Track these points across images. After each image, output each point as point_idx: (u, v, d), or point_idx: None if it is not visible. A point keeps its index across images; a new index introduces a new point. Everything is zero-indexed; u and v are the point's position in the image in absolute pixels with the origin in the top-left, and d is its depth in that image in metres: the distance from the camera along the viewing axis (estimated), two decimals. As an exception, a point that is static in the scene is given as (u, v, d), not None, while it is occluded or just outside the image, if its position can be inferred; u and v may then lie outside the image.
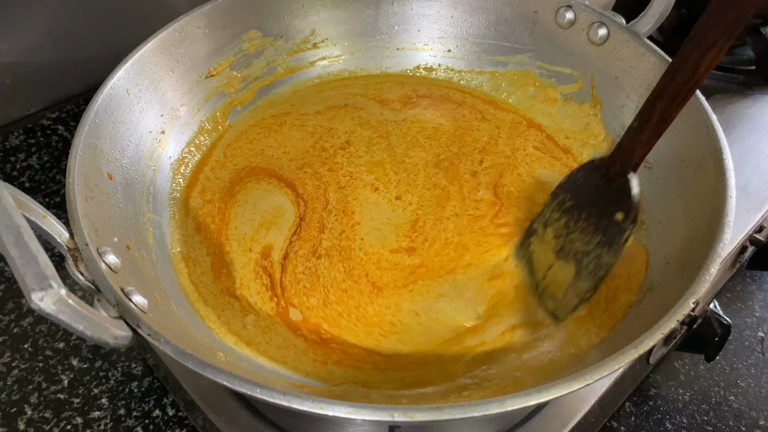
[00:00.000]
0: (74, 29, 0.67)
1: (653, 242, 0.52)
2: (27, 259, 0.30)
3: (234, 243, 0.55)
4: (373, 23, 0.71)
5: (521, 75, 0.69)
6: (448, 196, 0.59)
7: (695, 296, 0.37)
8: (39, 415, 0.53)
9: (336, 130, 0.66)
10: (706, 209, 0.45)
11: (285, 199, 0.59)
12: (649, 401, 0.59)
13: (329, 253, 0.54)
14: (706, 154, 0.48)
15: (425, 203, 0.58)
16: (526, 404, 0.32)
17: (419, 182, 0.60)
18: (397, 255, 0.54)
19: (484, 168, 0.62)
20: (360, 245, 0.55)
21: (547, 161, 0.63)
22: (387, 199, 0.59)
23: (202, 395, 0.51)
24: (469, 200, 0.58)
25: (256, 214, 0.58)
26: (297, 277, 0.53)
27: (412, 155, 0.63)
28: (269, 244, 0.55)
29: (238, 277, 0.53)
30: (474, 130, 0.66)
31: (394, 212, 0.58)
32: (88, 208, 0.43)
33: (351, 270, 0.53)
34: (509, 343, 0.49)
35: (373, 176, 0.61)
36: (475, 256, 0.54)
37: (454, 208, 0.58)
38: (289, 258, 0.54)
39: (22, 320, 0.60)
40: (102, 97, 0.50)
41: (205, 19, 0.60)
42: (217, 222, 0.57)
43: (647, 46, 0.56)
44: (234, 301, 0.51)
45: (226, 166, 0.62)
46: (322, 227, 0.56)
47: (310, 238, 0.55)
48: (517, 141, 0.65)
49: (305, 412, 0.31)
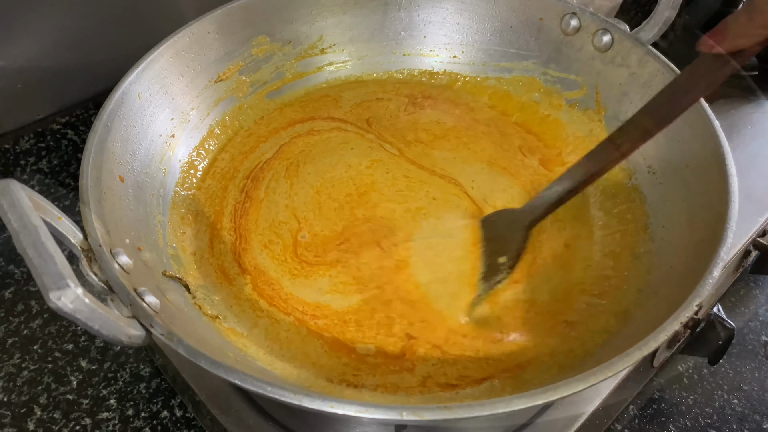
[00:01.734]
0: (84, 35, 0.68)
1: (657, 246, 0.52)
2: (45, 259, 0.31)
3: (246, 245, 0.56)
4: (380, 29, 0.72)
5: (526, 81, 0.70)
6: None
7: (699, 299, 0.38)
8: (48, 416, 0.54)
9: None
10: (710, 214, 0.46)
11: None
12: (653, 404, 0.59)
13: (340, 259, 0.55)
14: (710, 159, 0.49)
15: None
16: (533, 404, 0.33)
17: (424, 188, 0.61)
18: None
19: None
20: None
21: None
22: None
23: (210, 396, 0.51)
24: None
25: (270, 216, 0.59)
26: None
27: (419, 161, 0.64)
28: (282, 245, 0.56)
29: (248, 280, 0.53)
30: (479, 136, 0.67)
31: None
32: (100, 210, 0.43)
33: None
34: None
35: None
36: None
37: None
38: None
39: (31, 322, 0.60)
40: (114, 100, 0.51)
41: (215, 24, 0.61)
42: (228, 224, 0.58)
43: (651, 52, 0.57)
44: (243, 302, 0.52)
45: (237, 169, 0.63)
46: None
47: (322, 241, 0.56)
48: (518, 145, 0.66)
49: (315, 410, 0.32)
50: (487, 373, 0.47)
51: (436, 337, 0.49)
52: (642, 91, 0.59)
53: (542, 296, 0.52)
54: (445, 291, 0.52)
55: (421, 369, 0.48)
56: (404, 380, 0.47)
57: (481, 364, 0.48)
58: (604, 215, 0.58)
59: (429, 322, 0.50)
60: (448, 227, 0.57)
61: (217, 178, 0.62)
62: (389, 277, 0.53)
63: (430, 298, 0.52)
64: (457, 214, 0.58)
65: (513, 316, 0.51)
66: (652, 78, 0.57)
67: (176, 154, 0.60)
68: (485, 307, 0.51)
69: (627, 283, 0.52)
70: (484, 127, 0.68)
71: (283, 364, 0.48)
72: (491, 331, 0.50)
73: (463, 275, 0.53)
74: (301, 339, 0.50)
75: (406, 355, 0.48)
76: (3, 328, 0.60)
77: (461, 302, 0.51)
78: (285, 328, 0.50)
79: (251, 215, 0.58)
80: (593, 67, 0.63)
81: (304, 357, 0.49)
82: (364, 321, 0.51)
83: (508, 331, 0.50)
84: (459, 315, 0.51)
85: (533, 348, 0.49)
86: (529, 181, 0.62)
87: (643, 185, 0.57)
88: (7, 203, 0.34)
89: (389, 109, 0.70)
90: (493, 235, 0.56)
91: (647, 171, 0.57)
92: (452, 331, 0.50)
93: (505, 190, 0.61)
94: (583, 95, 0.65)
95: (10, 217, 0.33)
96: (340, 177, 0.62)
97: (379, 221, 0.57)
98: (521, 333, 0.50)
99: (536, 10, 0.66)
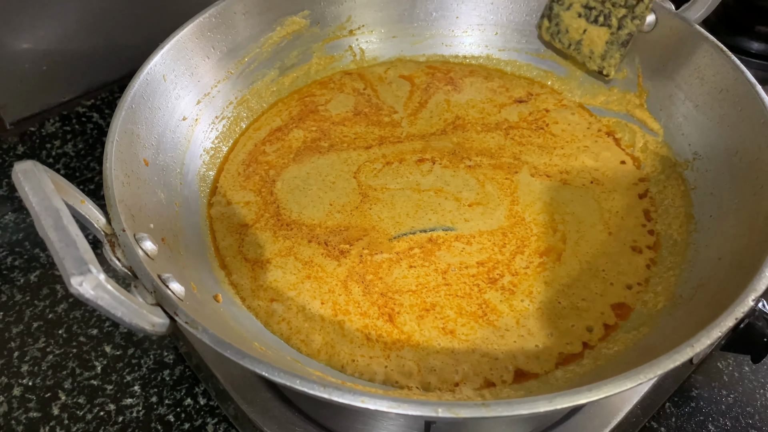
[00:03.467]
0: (109, 17, 0.67)
1: (703, 236, 0.50)
2: (66, 243, 0.30)
3: (268, 232, 0.55)
4: (410, 9, 0.69)
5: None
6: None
7: (755, 293, 0.36)
8: (73, 401, 0.54)
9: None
10: (763, 202, 0.43)
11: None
12: (690, 402, 0.57)
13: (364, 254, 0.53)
14: (763, 145, 0.46)
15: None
16: (576, 403, 0.31)
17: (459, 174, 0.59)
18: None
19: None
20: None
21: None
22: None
23: (234, 385, 0.50)
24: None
25: (304, 197, 0.58)
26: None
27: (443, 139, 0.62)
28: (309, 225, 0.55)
29: (271, 267, 0.52)
30: (515, 113, 0.65)
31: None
32: (124, 194, 0.42)
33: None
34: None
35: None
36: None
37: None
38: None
39: (56, 306, 0.60)
40: (139, 82, 0.50)
41: (242, 4, 0.60)
42: (252, 213, 0.56)
43: (699, 32, 0.54)
44: (266, 292, 0.51)
45: (267, 154, 0.62)
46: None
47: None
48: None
49: (346, 405, 0.31)
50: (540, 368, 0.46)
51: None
52: (687, 73, 0.56)
53: (578, 290, 0.50)
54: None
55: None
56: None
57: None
58: (648, 203, 0.56)
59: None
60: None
61: (242, 163, 0.61)
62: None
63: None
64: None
65: (554, 312, 0.49)
66: (700, 59, 0.54)
67: (201, 138, 0.59)
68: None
69: (672, 273, 0.49)
70: (519, 105, 0.66)
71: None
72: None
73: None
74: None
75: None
76: (28, 312, 0.60)
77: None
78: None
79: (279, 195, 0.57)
80: (635, 48, 0.60)
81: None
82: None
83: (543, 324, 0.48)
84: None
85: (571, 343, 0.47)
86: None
87: (689, 173, 0.55)
88: (29, 185, 0.33)
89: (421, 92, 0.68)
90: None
91: (693, 157, 0.55)
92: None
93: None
94: (624, 78, 0.62)
95: (32, 199, 0.32)
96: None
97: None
98: (558, 327, 0.48)
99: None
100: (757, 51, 0.79)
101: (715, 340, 0.34)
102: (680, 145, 0.56)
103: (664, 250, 0.52)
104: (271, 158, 0.61)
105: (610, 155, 0.61)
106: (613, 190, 0.57)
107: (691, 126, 0.56)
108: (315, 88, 0.69)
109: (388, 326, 0.48)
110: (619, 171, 0.59)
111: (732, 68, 0.51)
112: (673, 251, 0.51)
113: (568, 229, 0.54)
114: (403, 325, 0.48)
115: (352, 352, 0.47)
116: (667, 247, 0.52)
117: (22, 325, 0.59)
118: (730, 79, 0.51)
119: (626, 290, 0.50)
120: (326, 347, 0.47)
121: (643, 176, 0.58)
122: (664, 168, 0.57)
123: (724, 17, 0.81)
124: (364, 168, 0.60)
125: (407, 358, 0.46)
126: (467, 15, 0.70)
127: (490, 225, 0.55)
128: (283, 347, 0.47)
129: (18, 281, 0.62)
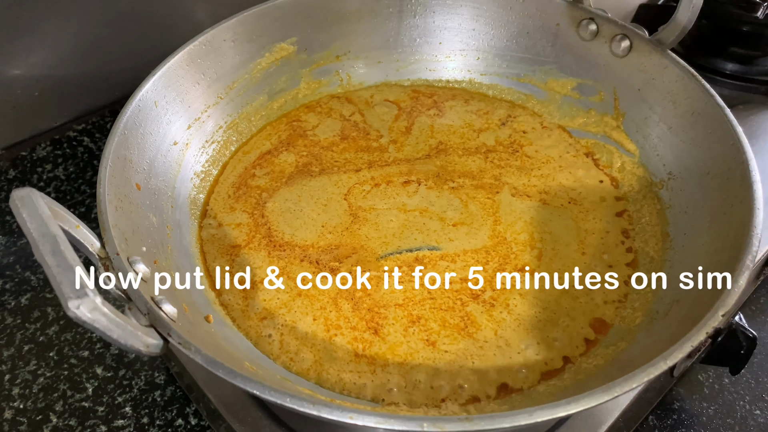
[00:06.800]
0: (100, 43, 0.68)
1: (678, 254, 0.51)
2: (64, 268, 0.31)
3: (262, 252, 0.56)
4: (395, 36, 0.72)
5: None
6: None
7: (724, 308, 0.37)
8: (64, 423, 0.54)
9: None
10: (733, 221, 0.45)
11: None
12: (672, 415, 0.58)
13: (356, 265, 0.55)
14: (732, 166, 0.48)
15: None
16: (555, 416, 0.32)
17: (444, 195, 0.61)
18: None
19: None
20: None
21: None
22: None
23: (226, 404, 0.51)
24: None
25: (296, 218, 0.59)
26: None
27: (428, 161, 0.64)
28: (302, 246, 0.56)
29: (262, 287, 0.53)
30: (492, 138, 0.67)
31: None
32: (118, 218, 0.43)
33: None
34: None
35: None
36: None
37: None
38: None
39: (47, 329, 0.60)
40: (131, 108, 0.51)
41: (231, 32, 0.61)
42: (243, 234, 0.58)
43: (671, 57, 0.57)
44: (257, 312, 0.52)
45: (257, 177, 0.63)
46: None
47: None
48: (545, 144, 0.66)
49: (335, 421, 0.32)
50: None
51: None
52: (661, 96, 0.58)
53: (553, 306, 0.52)
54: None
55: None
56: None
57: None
58: (626, 221, 0.58)
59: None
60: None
61: (232, 186, 0.62)
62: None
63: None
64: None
65: (532, 325, 0.50)
66: (672, 83, 0.57)
67: (192, 162, 0.60)
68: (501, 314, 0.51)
69: (648, 290, 0.51)
70: (499, 127, 0.68)
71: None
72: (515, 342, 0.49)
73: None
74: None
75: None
76: (19, 334, 0.60)
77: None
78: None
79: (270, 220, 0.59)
80: (611, 72, 0.63)
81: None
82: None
83: (527, 340, 0.49)
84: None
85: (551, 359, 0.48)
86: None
87: (664, 192, 0.57)
88: (26, 212, 0.34)
89: (406, 116, 0.70)
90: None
91: (668, 177, 0.57)
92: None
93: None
94: (601, 101, 0.65)
95: (30, 226, 0.33)
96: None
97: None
98: (539, 342, 0.49)
99: (553, 15, 0.66)
100: (731, 71, 0.81)
101: (687, 354, 0.35)
102: (655, 166, 0.58)
103: (641, 267, 0.54)
104: (261, 182, 0.63)
105: (589, 175, 0.63)
106: (592, 210, 0.59)
107: (666, 147, 0.58)
108: (302, 112, 0.71)
109: (375, 338, 0.49)
110: (598, 190, 0.61)
111: (702, 92, 0.54)
112: (649, 268, 0.53)
113: (546, 248, 0.56)
114: (388, 335, 0.49)
115: (340, 369, 0.48)
116: (644, 264, 0.54)
117: (13, 348, 0.59)
118: (701, 102, 0.54)
119: (605, 306, 0.52)
120: (315, 365, 0.48)
121: (620, 195, 0.60)
122: (641, 187, 0.59)
123: (700, 39, 0.84)
124: (354, 190, 0.61)
125: (393, 373, 0.47)
126: (450, 41, 0.72)
127: (474, 244, 0.56)
128: (273, 366, 0.48)
129: (9, 304, 0.62)
